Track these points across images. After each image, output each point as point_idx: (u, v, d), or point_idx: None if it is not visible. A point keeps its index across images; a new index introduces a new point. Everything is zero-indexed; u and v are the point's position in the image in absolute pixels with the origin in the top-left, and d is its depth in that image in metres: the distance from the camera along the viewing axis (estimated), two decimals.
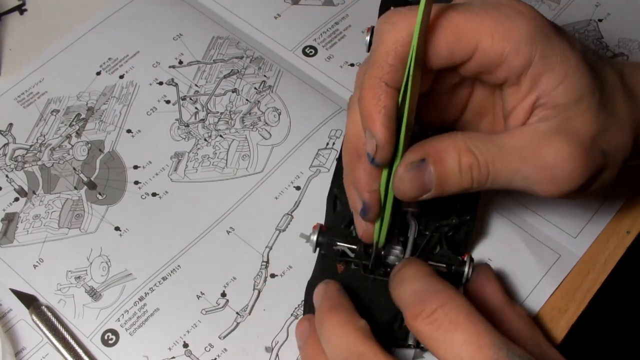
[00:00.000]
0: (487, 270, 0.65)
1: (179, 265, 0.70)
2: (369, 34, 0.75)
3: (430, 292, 0.54)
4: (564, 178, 0.57)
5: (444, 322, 0.52)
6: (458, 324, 0.51)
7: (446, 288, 0.54)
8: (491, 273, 0.64)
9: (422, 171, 0.56)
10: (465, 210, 0.66)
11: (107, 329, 0.67)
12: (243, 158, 0.76)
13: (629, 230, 0.73)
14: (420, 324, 0.53)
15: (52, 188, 0.74)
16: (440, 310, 0.52)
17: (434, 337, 0.52)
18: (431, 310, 0.52)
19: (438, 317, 0.52)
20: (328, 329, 0.57)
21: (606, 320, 0.88)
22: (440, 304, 0.52)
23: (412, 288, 0.55)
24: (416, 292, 0.54)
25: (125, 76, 0.81)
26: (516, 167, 0.56)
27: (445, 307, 0.52)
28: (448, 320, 0.52)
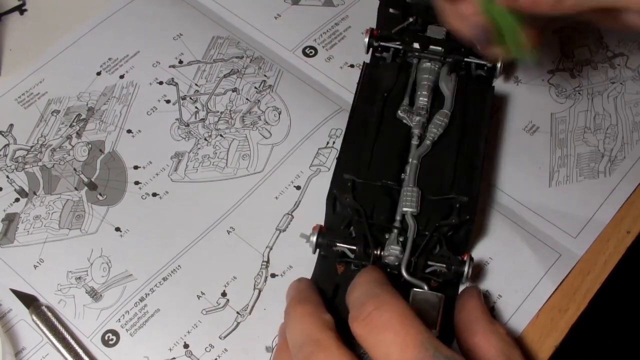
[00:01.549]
0: (473, 289, 0.66)
1: (180, 265, 0.70)
2: (367, 36, 0.75)
3: (369, 296, 0.55)
4: None
5: (377, 324, 0.53)
6: (390, 325, 0.53)
7: (385, 292, 0.55)
8: (475, 291, 0.65)
9: None
10: (464, 210, 0.66)
11: (108, 330, 0.67)
12: (243, 157, 0.76)
13: (629, 230, 0.73)
14: (357, 326, 0.54)
15: (52, 189, 0.74)
16: (375, 312, 0.54)
17: (368, 339, 0.53)
18: (367, 312, 0.54)
19: (372, 319, 0.53)
20: (292, 318, 0.58)
21: (606, 320, 0.88)
22: (375, 307, 0.54)
23: (356, 294, 0.57)
24: (358, 297, 0.56)
25: (126, 76, 0.81)
26: None
27: (380, 309, 0.54)
28: (381, 322, 0.53)
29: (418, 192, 0.66)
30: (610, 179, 0.75)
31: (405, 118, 0.70)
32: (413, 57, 0.74)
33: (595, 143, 0.78)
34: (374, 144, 0.69)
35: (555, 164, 0.76)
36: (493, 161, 0.76)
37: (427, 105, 0.71)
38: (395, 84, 0.73)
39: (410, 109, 0.71)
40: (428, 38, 0.75)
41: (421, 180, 0.67)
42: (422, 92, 0.71)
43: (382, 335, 0.53)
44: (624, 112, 0.79)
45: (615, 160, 0.76)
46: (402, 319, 0.53)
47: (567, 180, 0.75)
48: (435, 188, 0.67)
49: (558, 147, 0.77)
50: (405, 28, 0.76)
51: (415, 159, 0.68)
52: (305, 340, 0.55)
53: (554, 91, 0.81)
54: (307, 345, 0.55)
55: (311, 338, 0.55)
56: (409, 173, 0.67)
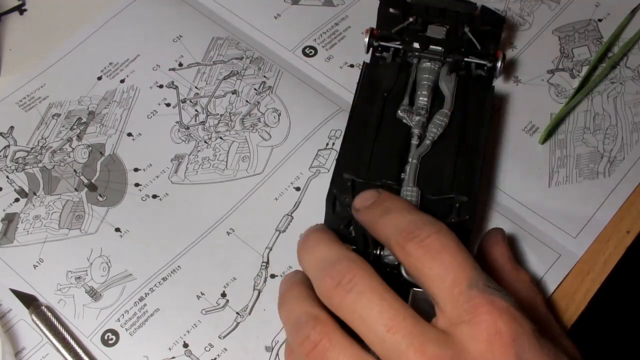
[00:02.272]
0: (498, 233, 0.67)
1: (179, 266, 0.70)
2: (367, 35, 0.75)
3: (426, 222, 0.56)
4: None
5: (436, 246, 0.53)
6: (448, 248, 0.53)
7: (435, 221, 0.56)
8: (501, 237, 0.67)
9: None
10: (464, 210, 0.66)
11: (107, 329, 0.67)
12: (243, 159, 0.76)
13: (629, 230, 0.73)
14: (413, 247, 0.54)
15: (52, 189, 0.74)
16: (434, 235, 0.54)
17: (422, 259, 0.53)
18: (426, 234, 0.54)
19: (431, 242, 0.54)
20: (287, 299, 0.58)
21: (606, 320, 0.88)
22: (435, 231, 0.54)
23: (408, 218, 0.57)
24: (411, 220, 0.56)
25: (126, 80, 0.81)
26: None
27: (439, 234, 0.54)
28: (440, 244, 0.53)
29: (418, 192, 0.66)
30: (610, 180, 0.75)
31: (405, 118, 0.70)
32: (413, 57, 0.74)
33: (594, 144, 0.78)
34: (373, 144, 0.69)
35: (555, 164, 0.76)
36: (493, 161, 0.76)
37: (427, 105, 0.71)
38: (395, 84, 0.73)
39: (410, 108, 0.71)
40: (428, 38, 0.75)
41: (421, 180, 0.67)
42: (422, 92, 0.71)
43: (440, 255, 0.53)
44: (624, 113, 0.79)
45: (615, 161, 0.76)
46: (459, 244, 0.54)
47: (567, 181, 0.75)
48: (435, 188, 0.67)
49: (557, 148, 0.77)
50: (405, 28, 0.76)
51: (415, 159, 0.68)
52: (304, 317, 0.55)
53: (554, 91, 0.81)
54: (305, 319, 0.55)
55: (311, 315, 0.55)
56: (409, 173, 0.67)
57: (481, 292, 0.51)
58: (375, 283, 0.53)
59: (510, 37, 0.85)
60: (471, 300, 0.51)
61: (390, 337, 0.51)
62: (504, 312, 0.50)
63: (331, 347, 0.53)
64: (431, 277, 0.53)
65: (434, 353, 0.50)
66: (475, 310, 0.51)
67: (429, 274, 0.53)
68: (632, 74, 0.82)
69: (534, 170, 0.76)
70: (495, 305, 0.51)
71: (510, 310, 0.51)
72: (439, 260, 0.53)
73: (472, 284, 0.52)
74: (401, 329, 0.51)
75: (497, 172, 0.75)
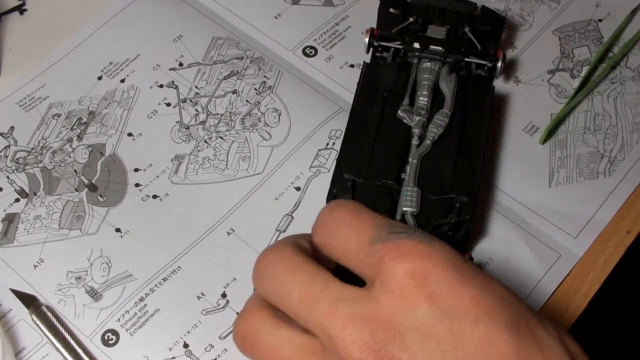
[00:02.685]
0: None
1: (180, 266, 0.70)
2: (368, 35, 0.75)
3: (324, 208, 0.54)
4: None
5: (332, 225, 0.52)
6: (343, 221, 0.52)
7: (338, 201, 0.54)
8: None
9: None
10: (464, 210, 0.66)
11: (108, 329, 0.67)
12: (243, 159, 0.76)
13: (629, 230, 0.73)
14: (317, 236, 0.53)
15: (53, 190, 0.74)
16: (329, 216, 0.53)
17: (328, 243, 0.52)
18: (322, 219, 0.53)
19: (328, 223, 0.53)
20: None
21: (606, 321, 0.88)
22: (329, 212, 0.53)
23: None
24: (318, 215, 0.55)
25: (126, 80, 0.81)
26: None
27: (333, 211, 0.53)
28: (335, 222, 0.52)
29: (418, 192, 0.66)
30: (610, 180, 0.75)
31: (406, 118, 0.70)
32: (413, 57, 0.74)
33: (595, 144, 0.78)
34: (374, 144, 0.69)
35: (555, 164, 0.76)
36: (493, 161, 0.76)
37: (428, 105, 0.71)
38: (395, 84, 0.73)
39: (410, 108, 0.71)
40: (428, 38, 0.75)
41: (421, 180, 0.67)
42: (423, 92, 0.71)
43: (338, 232, 0.51)
44: (624, 113, 0.79)
45: (615, 161, 0.76)
46: (355, 212, 0.52)
47: (567, 181, 0.75)
48: (435, 188, 0.67)
49: (558, 148, 0.77)
50: (405, 28, 0.77)
51: (415, 159, 0.68)
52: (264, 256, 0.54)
53: (554, 91, 0.81)
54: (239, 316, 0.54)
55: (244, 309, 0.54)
56: (409, 173, 0.67)
57: (383, 244, 0.48)
58: (287, 260, 0.52)
59: (510, 37, 0.85)
60: (376, 256, 0.48)
61: (303, 307, 0.49)
62: (409, 252, 0.47)
63: (257, 334, 0.52)
64: (339, 254, 0.51)
65: (345, 312, 0.47)
66: (382, 261, 0.48)
67: (337, 253, 0.52)
68: (632, 74, 0.82)
69: (534, 170, 0.76)
70: (399, 250, 0.48)
71: (416, 248, 0.48)
72: (337, 237, 0.51)
73: (373, 240, 0.49)
74: (311, 296, 0.49)
75: (497, 172, 0.75)
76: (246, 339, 0.53)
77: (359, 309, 0.47)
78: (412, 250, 0.47)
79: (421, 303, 0.46)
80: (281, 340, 0.51)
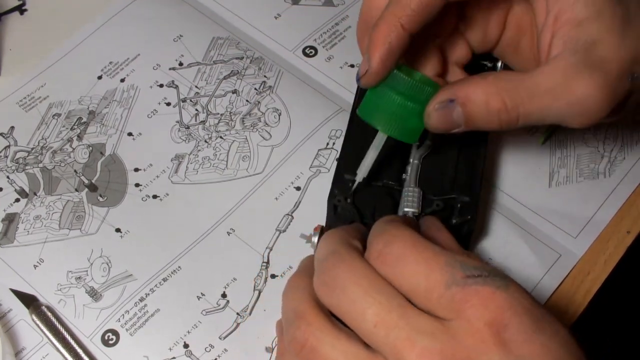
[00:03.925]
0: (436, 221, 0.63)
1: (180, 266, 0.70)
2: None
3: (376, 234, 0.54)
4: (595, 110, 0.58)
5: (392, 260, 0.51)
6: (404, 256, 0.51)
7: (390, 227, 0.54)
8: (440, 224, 0.62)
9: (451, 110, 0.59)
10: (466, 210, 0.66)
11: (108, 329, 0.67)
12: (243, 159, 0.76)
13: (629, 230, 0.73)
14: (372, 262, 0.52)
15: (53, 190, 0.74)
16: (385, 249, 0.52)
17: (389, 276, 0.52)
18: (377, 252, 0.52)
19: (385, 257, 0.52)
20: (285, 292, 0.57)
21: (606, 321, 0.88)
22: (384, 244, 0.52)
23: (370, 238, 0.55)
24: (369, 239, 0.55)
25: (126, 79, 0.81)
26: (548, 105, 0.58)
27: (390, 245, 0.52)
28: (395, 256, 0.51)
29: (419, 192, 0.66)
30: (610, 180, 0.75)
31: None
32: None
33: (595, 144, 0.78)
34: None
35: (555, 164, 0.76)
36: (493, 161, 0.76)
37: None
38: None
39: None
40: None
41: (422, 181, 0.67)
42: None
43: (400, 269, 0.51)
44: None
45: (615, 161, 0.76)
46: (415, 246, 0.51)
47: (567, 181, 0.75)
48: (437, 188, 0.67)
49: (558, 148, 0.77)
50: None
51: (416, 159, 0.68)
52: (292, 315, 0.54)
53: None
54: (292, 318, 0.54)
55: (297, 312, 0.53)
56: (410, 173, 0.67)
57: (461, 287, 0.49)
58: (360, 279, 0.51)
59: None
60: (453, 299, 0.49)
61: (378, 331, 0.49)
62: (489, 300, 0.49)
63: (318, 345, 0.51)
64: (406, 291, 0.51)
65: (424, 345, 0.48)
66: (460, 307, 0.49)
67: (402, 289, 0.51)
68: None
69: (534, 170, 0.76)
70: (479, 297, 0.49)
71: (495, 296, 0.49)
72: (400, 273, 0.51)
73: (448, 283, 0.49)
74: (387, 323, 0.49)
75: (497, 172, 0.75)
76: (305, 348, 0.52)
77: (438, 344, 0.48)
78: (492, 299, 0.49)
79: (498, 349, 0.48)
80: (345, 355, 0.51)
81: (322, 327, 0.52)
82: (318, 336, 0.52)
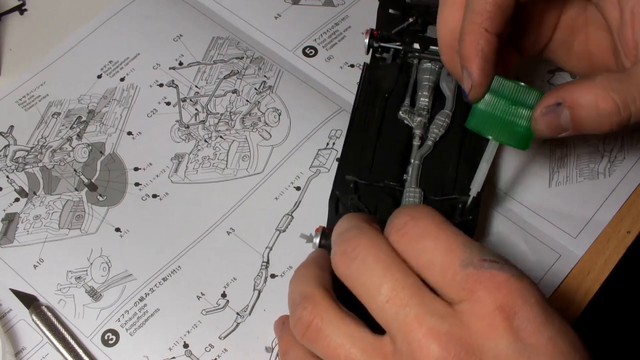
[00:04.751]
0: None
1: (180, 266, 0.70)
2: (367, 37, 0.75)
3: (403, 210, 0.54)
4: None
5: (415, 233, 0.52)
6: (428, 232, 0.51)
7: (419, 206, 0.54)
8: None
9: (558, 114, 0.59)
10: (466, 211, 0.66)
11: (108, 329, 0.67)
12: (243, 159, 0.76)
13: (629, 230, 0.73)
14: (394, 238, 0.53)
15: (52, 189, 0.74)
16: (410, 222, 0.52)
17: (407, 249, 0.52)
18: (402, 223, 0.52)
19: (409, 229, 0.52)
20: (292, 279, 0.57)
21: (606, 321, 0.88)
22: (411, 217, 0.53)
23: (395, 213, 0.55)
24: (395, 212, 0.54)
25: (126, 79, 0.81)
26: None
27: (416, 219, 0.52)
28: (418, 230, 0.52)
29: (420, 193, 0.66)
30: (610, 180, 0.75)
31: (407, 119, 0.70)
32: (413, 58, 0.74)
33: (594, 144, 0.78)
34: (375, 145, 0.69)
35: (555, 164, 0.76)
36: (493, 161, 0.75)
37: (428, 105, 0.71)
38: (395, 85, 0.73)
39: (411, 109, 0.71)
40: (428, 38, 0.75)
41: (423, 181, 0.67)
42: (423, 93, 0.71)
43: (421, 243, 0.51)
44: None
45: (615, 161, 0.77)
46: (440, 225, 0.52)
47: (567, 181, 0.75)
48: (438, 188, 0.67)
49: (557, 148, 0.77)
50: (405, 28, 0.76)
51: (417, 160, 0.68)
52: (297, 297, 0.54)
53: None
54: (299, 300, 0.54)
55: (303, 293, 0.54)
56: (411, 174, 0.67)
57: (477, 269, 0.49)
58: (381, 253, 0.51)
59: None
60: (468, 281, 0.49)
61: (389, 307, 0.50)
62: (503, 285, 0.49)
63: (324, 326, 0.52)
64: (421, 265, 0.51)
65: (432, 325, 0.48)
66: (473, 287, 0.49)
67: (418, 263, 0.51)
68: None
69: (534, 170, 0.76)
70: (493, 280, 0.49)
71: (509, 283, 0.49)
72: (420, 248, 0.51)
73: (465, 263, 0.50)
74: (400, 299, 0.49)
75: (497, 172, 0.75)
76: (310, 329, 0.52)
77: (446, 326, 0.48)
78: (506, 285, 0.49)
79: (506, 335, 0.48)
80: (350, 338, 0.51)
81: (329, 309, 0.52)
82: (324, 317, 0.52)
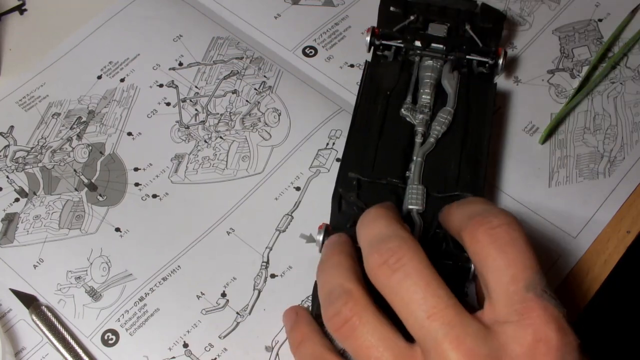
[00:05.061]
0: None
1: (179, 265, 0.70)
2: (368, 35, 0.75)
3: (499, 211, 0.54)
4: None
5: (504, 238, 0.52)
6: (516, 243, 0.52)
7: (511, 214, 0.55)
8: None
9: None
10: None
11: (107, 329, 0.67)
12: (243, 159, 0.76)
13: (629, 230, 0.73)
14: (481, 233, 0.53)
15: (52, 189, 0.74)
16: (504, 227, 0.53)
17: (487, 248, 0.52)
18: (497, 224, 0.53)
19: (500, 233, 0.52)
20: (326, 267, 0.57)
21: (606, 321, 0.88)
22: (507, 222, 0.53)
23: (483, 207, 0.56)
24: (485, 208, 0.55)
25: (126, 79, 0.81)
26: None
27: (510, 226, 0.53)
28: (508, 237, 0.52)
29: (423, 190, 0.66)
30: (610, 180, 0.76)
31: (409, 116, 0.70)
32: (415, 55, 0.74)
33: (594, 144, 0.78)
34: (378, 143, 0.69)
35: (555, 164, 0.76)
36: (493, 161, 0.76)
37: (430, 103, 0.71)
38: (397, 83, 0.73)
39: (413, 107, 0.71)
40: (430, 36, 0.75)
41: (426, 178, 0.67)
42: (425, 90, 0.71)
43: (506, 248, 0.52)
44: (624, 113, 0.79)
45: (615, 161, 0.77)
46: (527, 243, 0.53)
47: (567, 181, 0.75)
48: (440, 185, 0.67)
49: (558, 148, 0.77)
50: (406, 26, 0.77)
51: (419, 157, 0.68)
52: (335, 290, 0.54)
53: (554, 91, 0.81)
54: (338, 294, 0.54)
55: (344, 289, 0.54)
56: (414, 171, 0.67)
57: (537, 297, 0.50)
58: (424, 267, 0.52)
59: (510, 37, 0.85)
60: (525, 302, 0.50)
61: (429, 324, 0.50)
62: (554, 320, 0.50)
63: (361, 325, 0.52)
64: (492, 268, 0.52)
65: (470, 347, 0.49)
66: (527, 312, 0.50)
67: (491, 265, 0.52)
68: (632, 74, 0.82)
69: (534, 170, 0.76)
70: (547, 312, 0.50)
71: (560, 321, 0.50)
72: (503, 254, 0.52)
73: (529, 286, 0.51)
74: (441, 318, 0.50)
75: (497, 172, 0.75)
76: (346, 325, 0.53)
77: (484, 349, 0.49)
78: (558, 321, 0.50)
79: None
80: (384, 341, 0.52)
81: (367, 308, 0.53)
82: (362, 316, 0.53)
